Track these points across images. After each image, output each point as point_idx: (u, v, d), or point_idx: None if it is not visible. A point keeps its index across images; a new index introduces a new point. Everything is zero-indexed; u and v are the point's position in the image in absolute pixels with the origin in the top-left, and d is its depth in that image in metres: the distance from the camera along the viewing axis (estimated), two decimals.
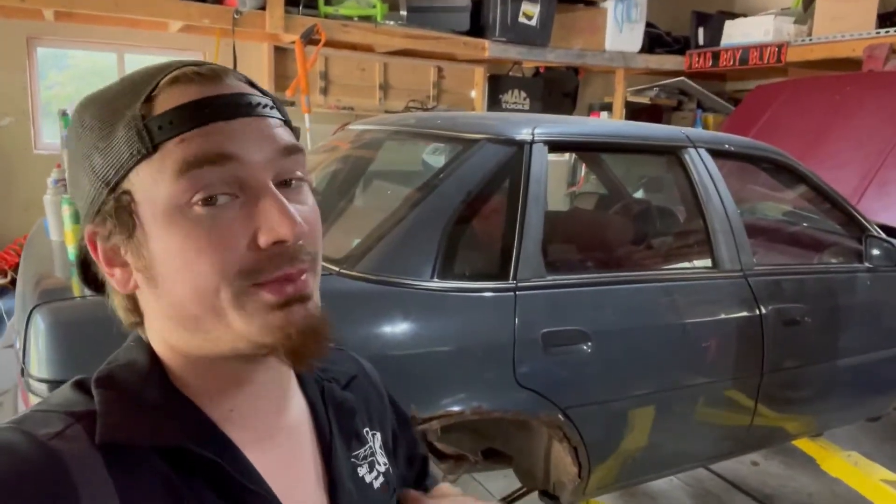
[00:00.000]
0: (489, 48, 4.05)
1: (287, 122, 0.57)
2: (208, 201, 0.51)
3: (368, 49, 4.17)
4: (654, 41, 5.03)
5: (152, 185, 0.51)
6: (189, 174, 0.50)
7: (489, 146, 1.79)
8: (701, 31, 5.03)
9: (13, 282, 2.81)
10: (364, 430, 0.69)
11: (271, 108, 0.55)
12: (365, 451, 0.68)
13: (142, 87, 0.53)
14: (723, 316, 2.05)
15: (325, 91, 4.20)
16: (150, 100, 0.52)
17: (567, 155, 4.93)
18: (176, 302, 0.53)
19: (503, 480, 2.50)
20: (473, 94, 4.74)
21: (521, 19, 4.09)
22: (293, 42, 3.58)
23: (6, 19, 3.33)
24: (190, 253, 0.51)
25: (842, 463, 2.41)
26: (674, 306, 1.98)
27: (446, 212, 1.66)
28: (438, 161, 2.77)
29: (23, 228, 3.00)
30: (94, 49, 3.80)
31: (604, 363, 1.80)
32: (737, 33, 4.73)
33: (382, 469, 0.69)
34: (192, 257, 0.51)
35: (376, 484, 0.67)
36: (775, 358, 2.13)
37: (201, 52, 3.90)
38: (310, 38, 3.54)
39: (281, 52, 3.99)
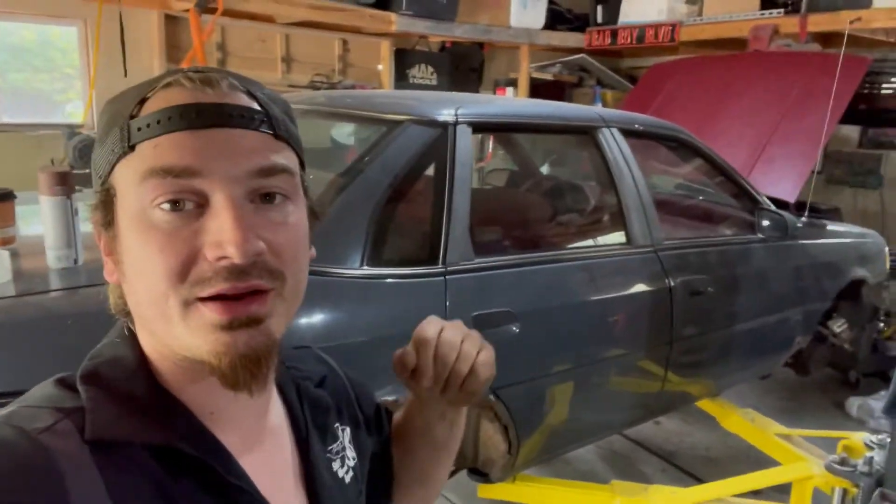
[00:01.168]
0: (396, 21, 3.97)
1: (282, 137, 0.56)
2: (174, 206, 0.51)
3: (269, 20, 3.97)
4: (556, 18, 5.12)
5: (126, 183, 0.53)
6: (151, 181, 0.51)
7: (413, 128, 1.75)
8: (600, 8, 5.17)
9: None
10: (335, 426, 0.70)
11: (261, 122, 0.54)
12: (337, 446, 0.69)
13: (142, 90, 0.55)
14: (636, 290, 2.15)
15: (222, 63, 3.97)
16: (143, 102, 0.53)
17: None
18: (137, 300, 0.54)
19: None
20: (380, 67, 4.64)
21: None
22: (187, 10, 3.34)
23: None
24: (144, 254, 0.51)
25: (739, 420, 2.61)
26: (592, 283, 2.05)
27: (373, 197, 1.61)
28: (349, 139, 2.70)
29: None
30: None
31: (530, 342, 1.84)
32: (633, 12, 4.90)
33: (352, 464, 0.70)
34: (146, 258, 0.51)
35: (347, 478, 0.69)
36: (682, 327, 2.26)
37: (81, 18, 3.56)
38: (205, 7, 3.32)
39: (173, 21, 3.72)
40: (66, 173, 1.35)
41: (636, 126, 2.37)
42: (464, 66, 5.07)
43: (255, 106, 0.55)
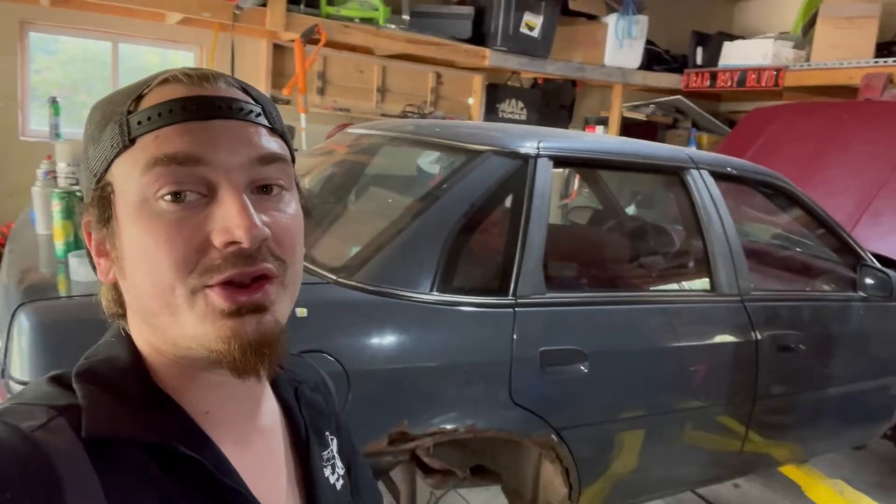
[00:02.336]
0: (490, 57, 4.03)
1: (276, 131, 0.57)
2: (176, 197, 0.51)
3: (368, 51, 4.14)
4: (653, 58, 5.05)
5: (127, 177, 0.52)
6: (155, 170, 0.51)
7: (493, 158, 1.76)
8: (700, 50, 5.05)
9: None
10: (326, 433, 0.70)
11: (258, 115, 0.55)
12: (328, 453, 0.69)
13: (138, 87, 0.54)
14: (719, 340, 2.04)
15: (322, 91, 4.15)
16: (139, 98, 0.53)
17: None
18: (139, 295, 0.54)
19: (485, 493, 2.46)
20: (471, 101, 4.71)
21: (523, 30, 4.07)
22: (293, 40, 3.54)
23: (1, 2, 3.26)
24: (150, 246, 0.51)
25: (827, 491, 2.41)
26: (671, 329, 1.96)
27: (448, 224, 1.62)
28: (434, 168, 2.74)
29: (7, 215, 2.92)
30: (88, 36, 3.73)
31: (599, 384, 1.78)
32: (735, 55, 4.76)
33: (342, 472, 0.70)
34: (152, 250, 0.51)
35: (338, 486, 0.69)
36: (768, 384, 2.11)
37: (198, 45, 3.84)
38: (310, 38, 3.50)
39: (279, 50, 3.94)
40: None
41: (728, 169, 2.27)
42: (554, 103, 5.07)
43: (251, 100, 0.56)
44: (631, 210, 3.31)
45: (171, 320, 0.52)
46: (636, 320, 1.88)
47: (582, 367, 1.72)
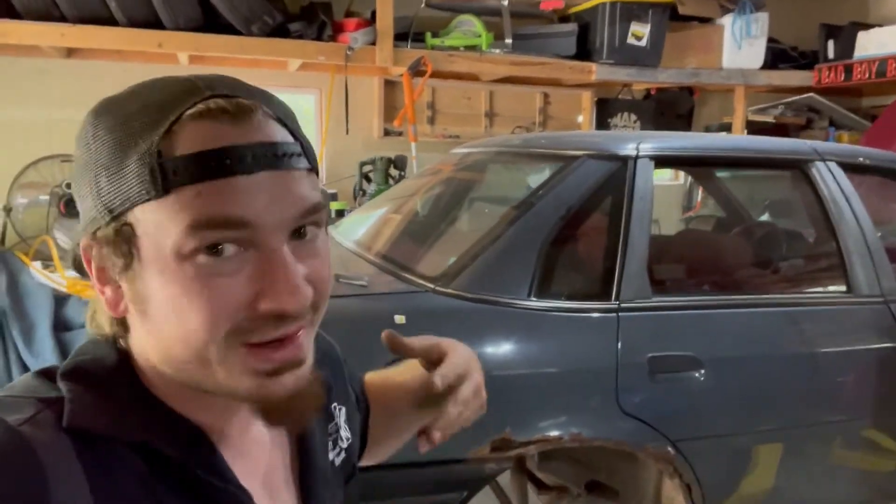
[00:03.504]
0: (596, 71, 3.97)
1: (313, 168, 0.54)
2: (213, 250, 0.48)
3: (474, 78, 4.22)
4: (778, 57, 4.72)
5: (157, 227, 0.48)
6: (198, 233, 0.47)
7: (590, 162, 1.73)
8: (831, 43, 4.66)
9: None
10: (333, 406, 0.69)
11: (298, 155, 0.51)
12: (331, 427, 0.68)
13: (163, 114, 0.48)
14: (861, 346, 1.84)
15: (431, 121, 4.28)
16: (168, 132, 0.47)
17: (682, 178, 4.71)
18: (164, 340, 0.51)
19: None
20: (580, 118, 4.65)
21: (630, 40, 3.98)
22: (401, 74, 3.69)
23: (147, 63, 3.69)
24: (184, 303, 0.48)
25: None
26: (803, 334, 1.80)
27: (544, 229, 1.61)
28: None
29: None
30: None
31: (720, 393, 1.66)
32: (872, 44, 4.34)
33: (345, 445, 0.69)
34: (186, 308, 0.48)
35: (337, 461, 0.68)
36: None
37: (318, 88, 4.11)
38: (417, 70, 3.64)
39: (391, 85, 4.12)
40: None
41: (861, 160, 2.08)
42: (670, 113, 4.87)
43: (291, 139, 0.52)
44: (764, 218, 3.10)
45: (199, 371, 0.50)
46: (758, 324, 1.75)
47: (697, 375, 1.61)
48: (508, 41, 3.85)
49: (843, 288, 1.90)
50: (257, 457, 0.60)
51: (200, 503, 0.53)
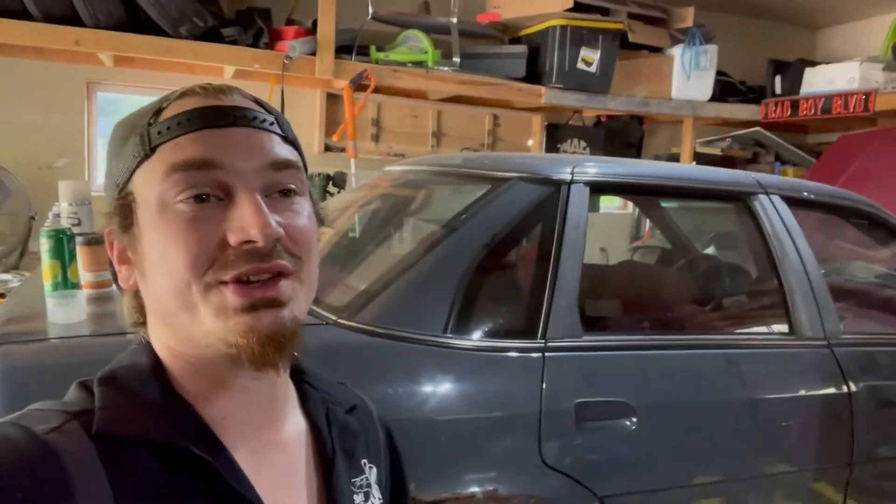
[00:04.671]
0: (545, 95, 3.88)
1: (289, 139, 0.60)
2: (198, 199, 0.54)
3: (422, 96, 4.09)
4: (726, 90, 4.74)
5: (147, 184, 0.55)
6: (174, 175, 0.54)
7: (520, 185, 1.58)
8: (778, 79, 4.70)
9: None
10: (363, 461, 0.69)
11: (271, 123, 0.58)
12: (361, 480, 0.67)
13: (158, 102, 0.58)
14: (802, 392, 1.73)
15: (376, 138, 4.12)
16: (158, 112, 0.57)
17: (631, 206, 4.65)
18: (157, 295, 0.56)
19: None
20: (530, 142, 4.56)
21: (580, 65, 3.91)
22: (343, 87, 3.53)
23: (69, 63, 3.43)
24: (168, 247, 0.53)
25: None
26: (743, 378, 1.68)
27: (465, 257, 1.44)
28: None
29: None
30: (152, 94, 3.87)
31: (654, 443, 1.51)
32: (819, 81, 4.38)
33: (377, 503, 0.68)
34: (169, 251, 0.53)
35: None
36: (867, 445, 1.76)
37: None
38: (359, 83, 3.48)
39: (333, 99, 3.95)
40: None
41: (805, 194, 1.99)
42: (620, 141, 4.83)
43: (264, 111, 0.59)
44: (710, 250, 3.02)
45: (188, 317, 0.54)
46: (695, 367, 1.62)
47: (627, 423, 1.46)
48: (456, 59, 3.74)
49: (785, 328, 1.79)
50: (282, 461, 0.61)
51: None
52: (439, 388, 1.35)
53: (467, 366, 1.38)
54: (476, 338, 1.41)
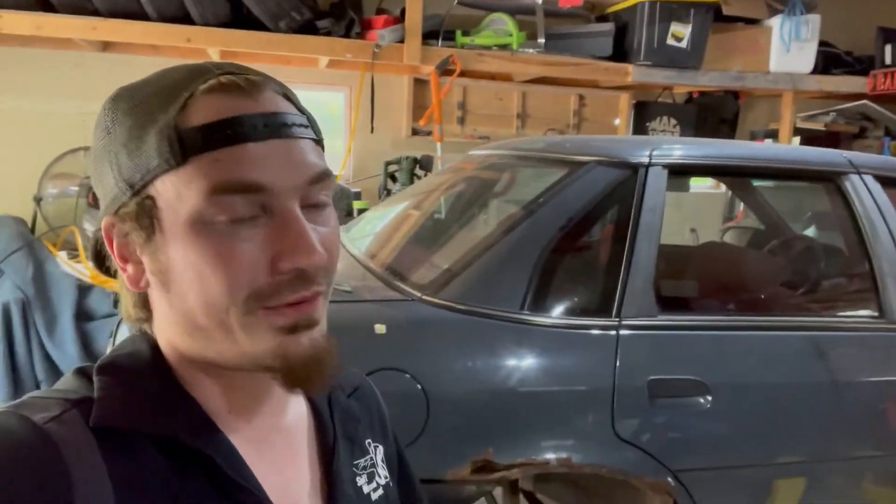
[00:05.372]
0: (633, 73, 3.82)
1: (319, 141, 0.57)
2: (238, 219, 0.51)
3: (507, 78, 4.13)
4: (831, 61, 4.47)
5: (177, 196, 0.51)
6: (215, 197, 0.50)
7: (597, 169, 1.63)
8: (888, 48, 4.39)
9: None
10: (366, 441, 0.69)
11: (305, 126, 0.55)
12: (366, 461, 0.67)
13: (177, 91, 0.52)
14: (890, 376, 1.69)
15: (461, 121, 4.20)
16: (184, 107, 0.51)
17: (723, 186, 4.51)
18: (186, 311, 0.53)
19: None
20: (617, 122, 4.50)
21: (670, 41, 3.82)
22: (430, 73, 3.63)
23: (179, 59, 3.73)
24: (205, 267, 0.51)
25: None
26: (826, 360, 1.66)
27: (542, 238, 1.52)
28: None
29: None
30: None
31: (730, 421, 1.54)
32: None
33: (383, 482, 0.68)
34: (207, 272, 0.51)
35: (374, 496, 0.66)
36: None
37: (347, 86, 4.08)
38: (445, 69, 3.57)
39: (420, 84, 4.07)
40: None
41: None
42: (713, 118, 4.67)
43: (296, 111, 0.55)
44: (810, 231, 2.93)
45: (223, 337, 0.52)
46: (774, 349, 1.62)
47: (702, 401, 1.50)
48: (541, 41, 3.75)
49: (874, 312, 1.75)
50: (284, 450, 0.61)
51: (221, 498, 0.53)
52: (516, 362, 1.44)
53: (542, 341, 1.46)
54: (552, 315, 1.49)
